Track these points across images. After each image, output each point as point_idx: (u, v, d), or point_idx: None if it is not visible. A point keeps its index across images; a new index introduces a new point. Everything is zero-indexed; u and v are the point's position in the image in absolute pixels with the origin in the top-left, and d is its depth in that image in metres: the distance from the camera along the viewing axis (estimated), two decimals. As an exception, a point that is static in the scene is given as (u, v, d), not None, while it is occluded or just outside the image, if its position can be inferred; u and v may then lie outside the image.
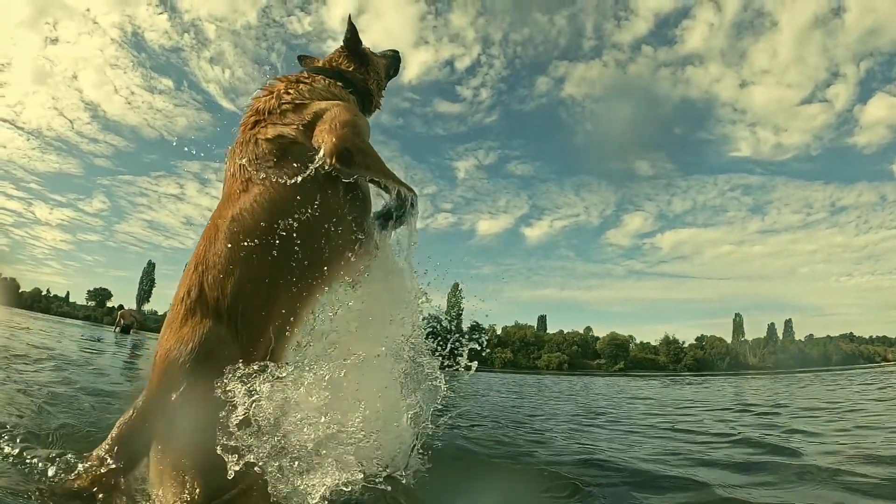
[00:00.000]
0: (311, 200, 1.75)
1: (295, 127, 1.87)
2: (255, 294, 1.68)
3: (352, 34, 2.33)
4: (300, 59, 2.48)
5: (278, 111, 1.92)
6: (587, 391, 10.26)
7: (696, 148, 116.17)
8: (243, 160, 1.81)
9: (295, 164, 1.78)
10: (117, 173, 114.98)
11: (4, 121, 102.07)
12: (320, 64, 2.33)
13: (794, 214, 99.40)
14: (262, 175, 1.77)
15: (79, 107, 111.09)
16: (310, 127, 1.87)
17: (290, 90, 2.00)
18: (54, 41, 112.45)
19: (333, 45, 2.53)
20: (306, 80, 2.09)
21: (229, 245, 1.68)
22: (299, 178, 1.75)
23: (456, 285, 2.74)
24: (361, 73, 2.34)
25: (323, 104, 1.96)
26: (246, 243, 1.68)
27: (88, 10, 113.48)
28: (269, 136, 1.84)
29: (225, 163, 1.93)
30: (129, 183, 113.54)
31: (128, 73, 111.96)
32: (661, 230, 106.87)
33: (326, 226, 1.79)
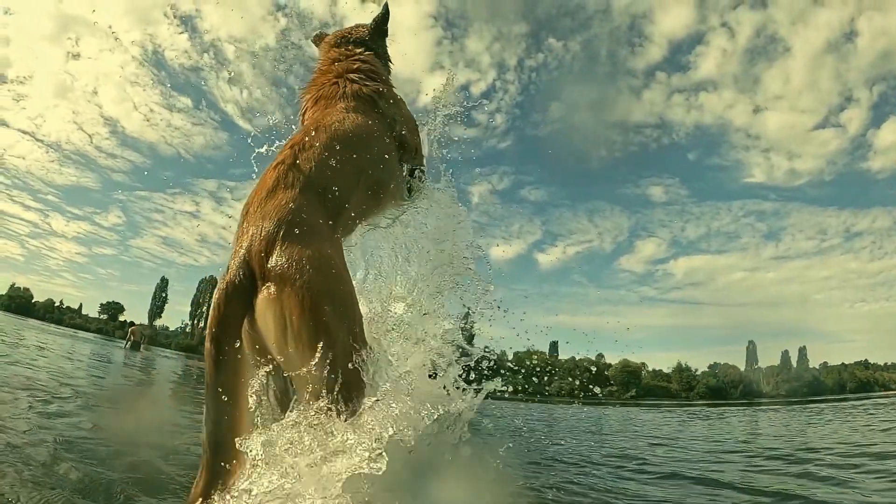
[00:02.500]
0: (385, 143, 2.23)
1: (384, 95, 2.40)
2: (337, 179, 1.93)
3: (383, 19, 2.73)
4: (317, 37, 2.85)
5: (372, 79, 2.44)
6: (603, 426, 10.01)
7: (710, 174, 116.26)
8: (348, 94, 2.30)
9: (377, 111, 2.30)
10: (134, 189, 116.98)
11: (25, 133, 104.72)
12: (334, 37, 2.70)
13: (809, 240, 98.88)
14: (363, 109, 2.26)
15: (98, 122, 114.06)
16: (394, 109, 2.41)
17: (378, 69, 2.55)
18: (76, 56, 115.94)
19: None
20: (375, 64, 2.58)
21: (325, 136, 2.00)
22: (385, 132, 2.29)
23: (466, 313, 2.76)
24: (383, 51, 2.77)
25: (400, 96, 2.56)
26: (337, 140, 2.00)
27: (110, 27, 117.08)
28: (365, 91, 2.34)
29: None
30: (145, 199, 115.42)
31: (147, 90, 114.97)
32: (674, 256, 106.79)
33: (390, 166, 2.26)
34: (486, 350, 2.39)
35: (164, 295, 78.95)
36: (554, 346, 72.20)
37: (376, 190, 2.19)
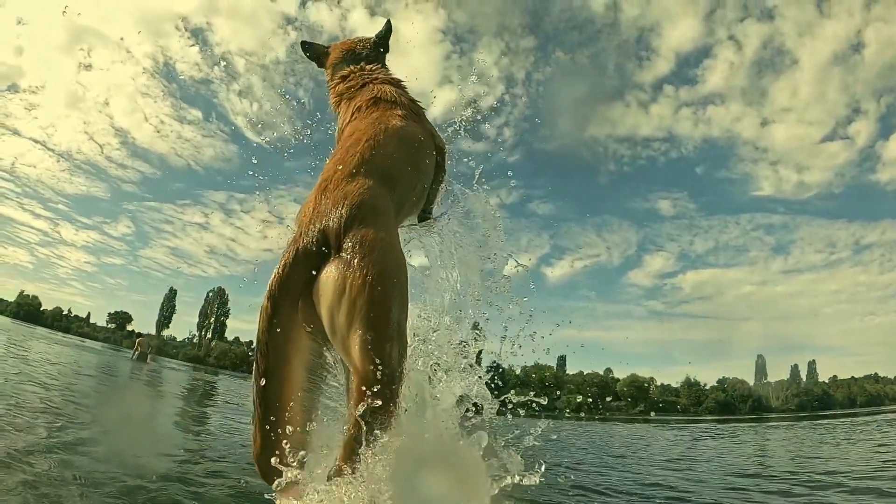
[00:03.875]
0: (432, 156, 2.36)
1: (423, 111, 2.52)
2: (403, 179, 2.07)
3: (386, 35, 2.82)
4: (304, 44, 2.91)
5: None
6: (617, 446, 9.84)
7: (718, 187, 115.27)
8: (404, 103, 2.42)
9: (425, 126, 2.42)
10: (143, 199, 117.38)
11: (36, 142, 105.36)
12: (340, 51, 2.77)
13: (818, 254, 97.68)
14: (416, 120, 2.39)
15: (109, 132, 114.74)
16: (432, 127, 2.51)
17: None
18: (88, 67, 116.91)
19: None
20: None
21: (396, 138, 2.13)
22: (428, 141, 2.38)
23: (475, 324, 2.74)
24: (383, 66, 2.80)
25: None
26: (405, 144, 2.15)
27: (122, 38, 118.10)
28: (414, 107, 2.45)
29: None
30: (155, 209, 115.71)
31: (158, 102, 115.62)
32: (682, 270, 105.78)
33: (430, 180, 2.38)
34: (532, 396, 2.36)
35: (172, 305, 79.06)
36: (562, 360, 71.88)
37: (420, 198, 2.35)
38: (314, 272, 1.67)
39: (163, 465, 3.12)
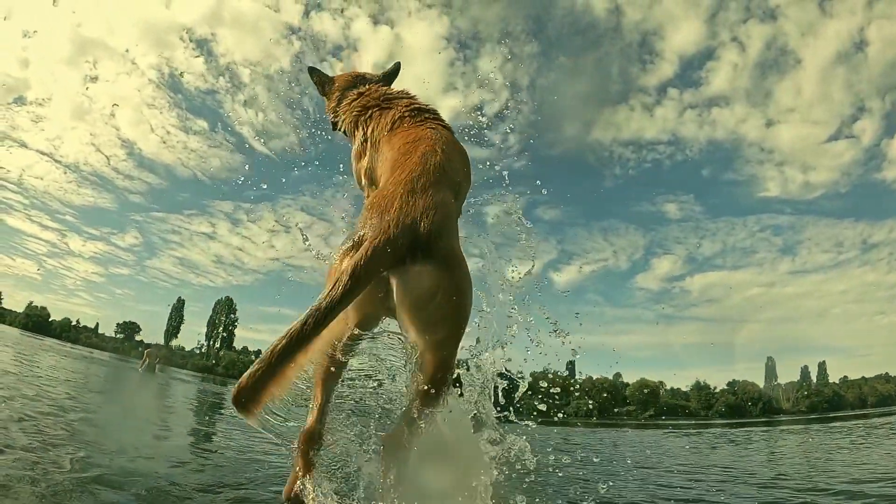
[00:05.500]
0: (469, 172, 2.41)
1: None
2: (462, 191, 2.19)
3: (393, 74, 3.01)
4: (311, 70, 3.05)
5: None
6: (632, 454, 9.70)
7: (725, 189, 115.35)
8: (441, 119, 2.51)
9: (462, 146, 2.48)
10: (150, 210, 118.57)
11: (43, 154, 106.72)
12: (350, 77, 2.94)
13: (825, 254, 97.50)
14: (452, 132, 2.49)
15: (115, 144, 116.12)
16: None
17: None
18: (94, 79, 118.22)
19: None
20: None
21: (456, 151, 2.24)
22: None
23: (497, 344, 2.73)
24: None
25: None
26: (461, 157, 2.27)
27: (128, 50, 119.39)
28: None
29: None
30: (162, 220, 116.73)
31: (164, 112, 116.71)
32: (690, 273, 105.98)
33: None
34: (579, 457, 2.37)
35: (180, 315, 79.38)
36: (571, 366, 70.84)
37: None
38: (394, 264, 1.76)
39: (183, 496, 3.06)
